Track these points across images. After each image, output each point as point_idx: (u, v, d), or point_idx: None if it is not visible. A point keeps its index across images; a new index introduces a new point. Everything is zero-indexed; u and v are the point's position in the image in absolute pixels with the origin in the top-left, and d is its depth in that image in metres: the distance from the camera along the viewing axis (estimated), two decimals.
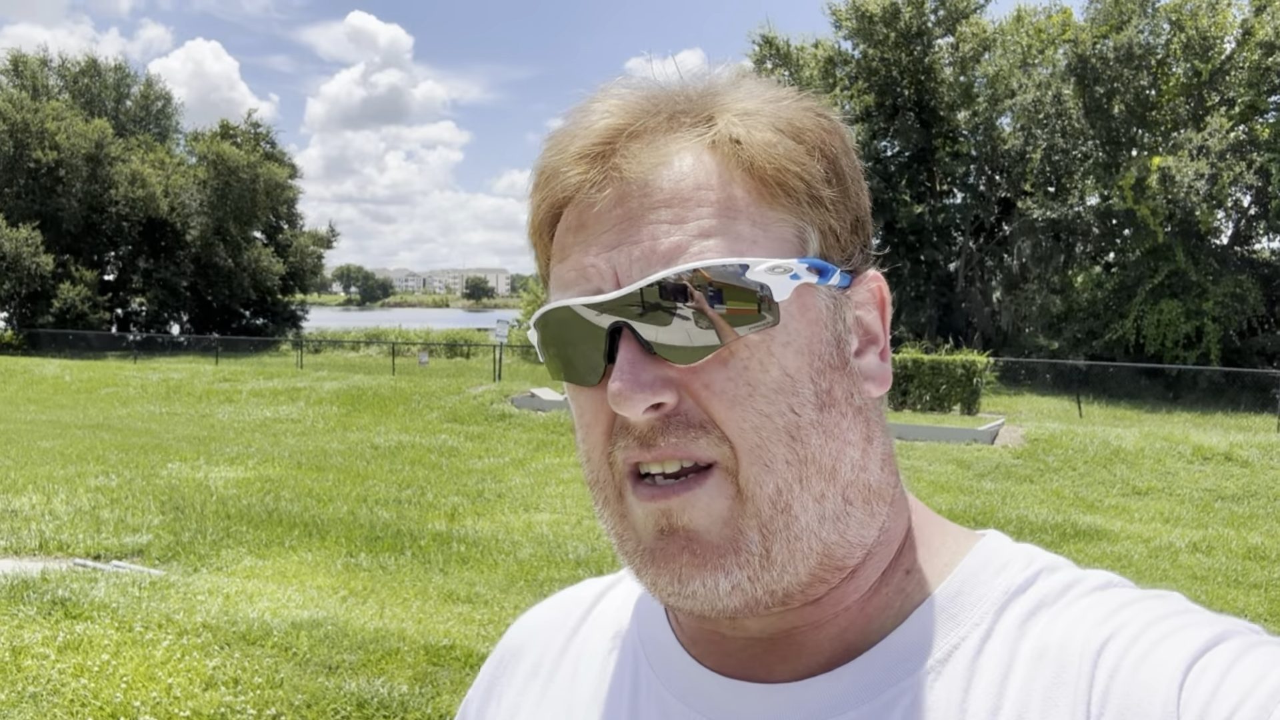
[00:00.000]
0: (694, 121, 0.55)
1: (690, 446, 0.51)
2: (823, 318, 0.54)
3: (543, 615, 0.75)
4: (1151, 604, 0.52)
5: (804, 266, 0.52)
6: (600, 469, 0.56)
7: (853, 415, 0.55)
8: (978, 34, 30.37)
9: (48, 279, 36.27)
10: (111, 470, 10.72)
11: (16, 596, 5.35)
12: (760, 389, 0.51)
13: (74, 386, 21.49)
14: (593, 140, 0.55)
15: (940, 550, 0.59)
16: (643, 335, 0.52)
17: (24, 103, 39.29)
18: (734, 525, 0.52)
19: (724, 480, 0.52)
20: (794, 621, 0.56)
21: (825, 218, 0.55)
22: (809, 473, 0.52)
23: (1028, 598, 0.55)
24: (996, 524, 9.39)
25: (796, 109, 0.56)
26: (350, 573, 6.87)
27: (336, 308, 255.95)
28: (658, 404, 0.51)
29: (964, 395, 18.74)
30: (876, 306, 0.58)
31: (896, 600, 0.57)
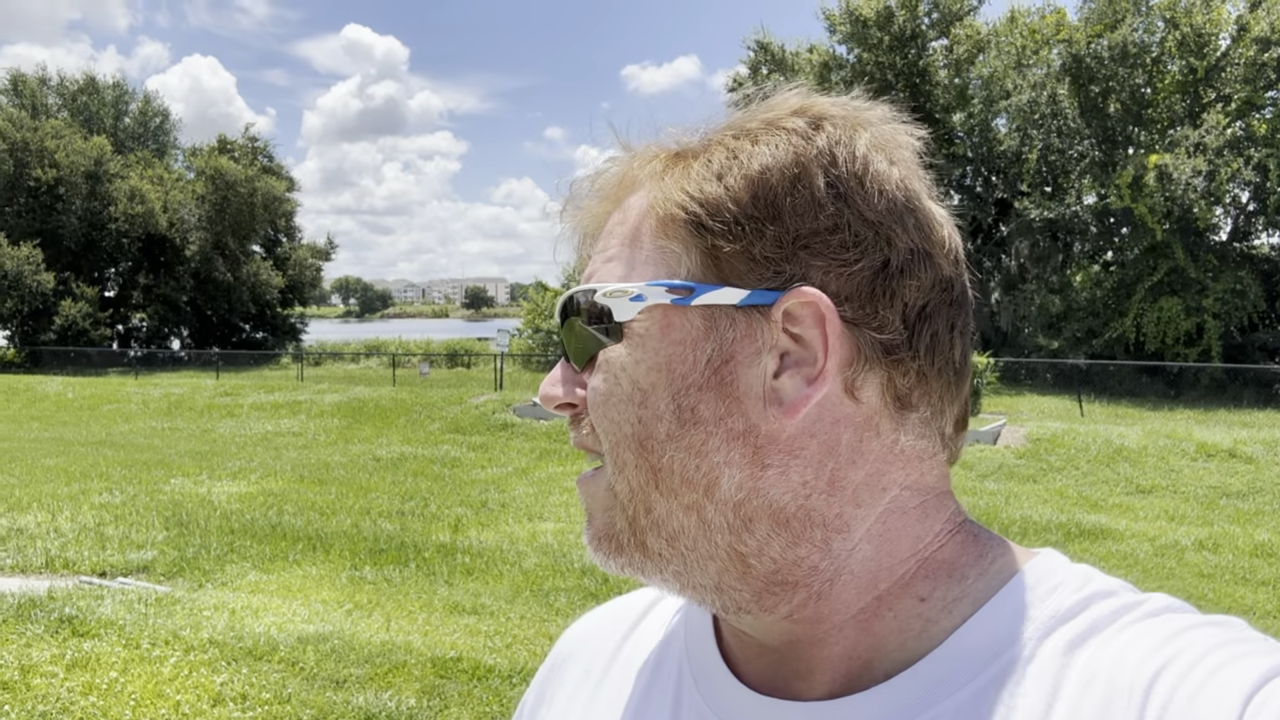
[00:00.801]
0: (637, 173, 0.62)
1: (589, 440, 0.60)
2: (689, 338, 0.55)
3: (595, 622, 0.77)
4: (1209, 631, 0.49)
5: (661, 289, 0.56)
6: None
7: (726, 437, 0.54)
8: (971, 36, 30.44)
9: (49, 296, 36.30)
10: (115, 487, 10.73)
11: (24, 615, 5.36)
12: (613, 398, 0.57)
13: (76, 403, 21.51)
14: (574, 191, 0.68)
15: (980, 576, 0.57)
16: (564, 345, 0.62)
17: (23, 122, 39.38)
18: (610, 514, 0.60)
19: (603, 474, 0.60)
20: (789, 635, 0.58)
21: (713, 241, 0.55)
22: (668, 483, 0.56)
23: (1077, 623, 0.52)
24: (1000, 525, 9.38)
25: (746, 144, 0.57)
26: (355, 586, 6.88)
27: (336, 320, 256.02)
28: (567, 405, 0.61)
29: None
30: (816, 323, 0.53)
31: (914, 624, 0.56)
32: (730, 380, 0.54)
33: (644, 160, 0.62)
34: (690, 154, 0.59)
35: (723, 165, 0.56)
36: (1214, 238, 25.82)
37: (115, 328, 43.23)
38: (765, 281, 0.54)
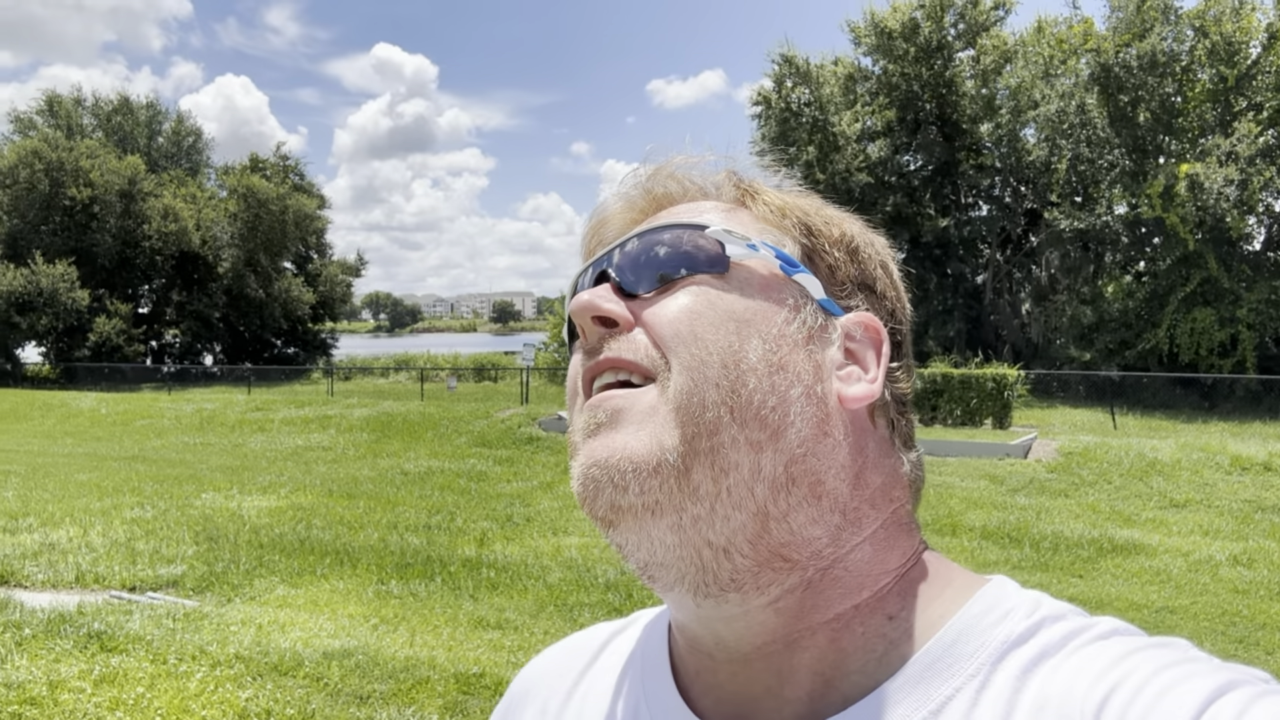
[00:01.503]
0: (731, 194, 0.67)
1: (629, 356, 0.58)
2: (785, 300, 0.60)
3: (550, 660, 0.76)
4: (1156, 653, 0.50)
5: (770, 251, 0.60)
6: (572, 430, 0.61)
7: (808, 397, 0.58)
8: (998, 46, 30.25)
9: (84, 313, 36.92)
10: (147, 501, 10.86)
11: (54, 630, 5.42)
12: (703, 318, 0.57)
13: (110, 419, 21.82)
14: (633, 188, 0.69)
15: (937, 599, 0.59)
16: (612, 274, 0.62)
17: (59, 142, 40.17)
18: (656, 412, 0.56)
19: (658, 389, 0.57)
20: (761, 634, 0.57)
21: (813, 243, 0.63)
22: (745, 412, 0.56)
23: (1029, 648, 0.53)
24: (1031, 540, 9.27)
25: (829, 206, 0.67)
26: (381, 600, 6.90)
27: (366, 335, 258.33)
28: (605, 319, 0.59)
29: (995, 409, 18.55)
30: (873, 346, 0.62)
31: (878, 645, 0.57)
32: (815, 351, 0.59)
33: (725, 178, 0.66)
34: (779, 190, 0.66)
35: (818, 206, 0.66)
36: (1247, 247, 25.40)
37: (149, 344, 43.87)
38: (838, 299, 0.62)
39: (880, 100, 31.49)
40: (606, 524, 0.57)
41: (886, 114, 31.14)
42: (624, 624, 0.75)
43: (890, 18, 30.40)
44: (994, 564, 8.54)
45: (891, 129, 31.31)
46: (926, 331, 31.19)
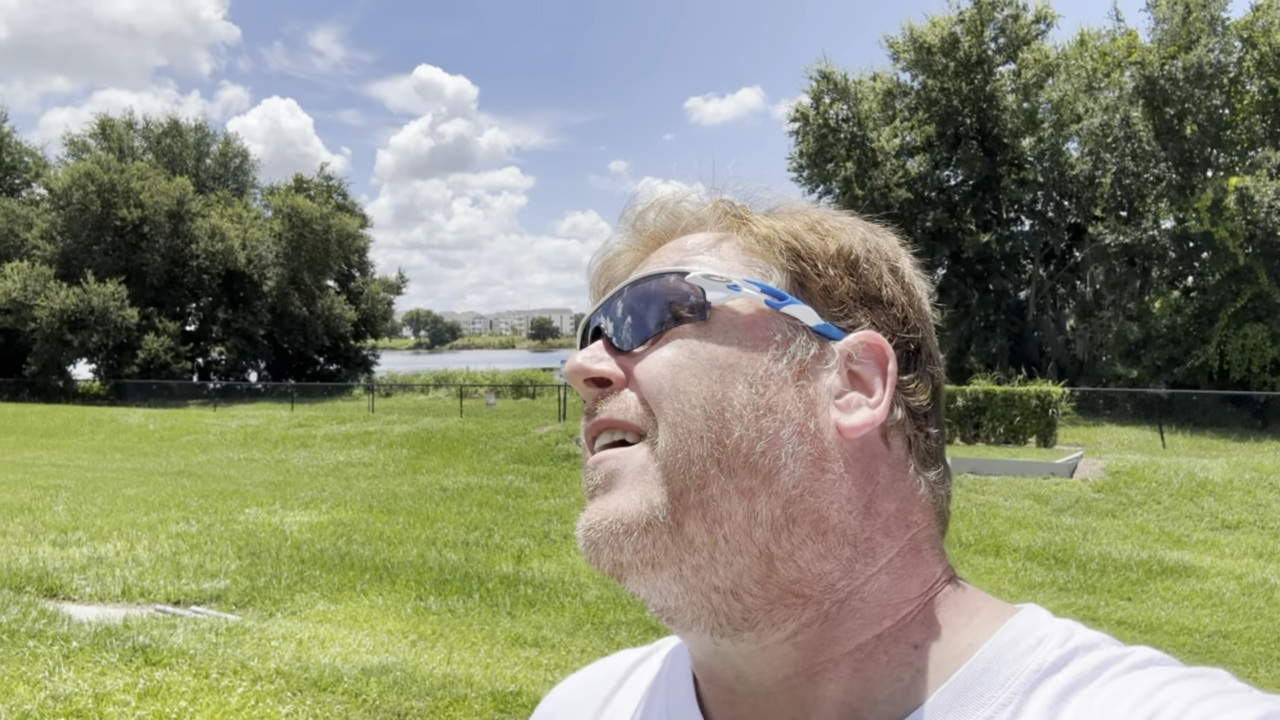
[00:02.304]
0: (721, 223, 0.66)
1: (621, 415, 0.59)
2: (773, 338, 0.59)
3: (576, 686, 0.77)
4: (1193, 683, 0.49)
5: (754, 288, 0.59)
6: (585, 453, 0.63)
7: (800, 435, 0.57)
8: (1040, 60, 29.94)
9: (133, 331, 37.73)
10: (192, 516, 11.03)
11: (100, 643, 5.51)
12: (687, 369, 0.58)
13: (157, 434, 22.24)
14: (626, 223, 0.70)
15: (965, 628, 0.58)
16: (602, 330, 0.63)
17: (111, 164, 41.22)
18: (646, 473, 0.57)
19: (647, 447, 0.58)
20: (782, 668, 0.57)
21: (807, 266, 0.61)
22: (733, 462, 0.56)
23: (1061, 677, 0.52)
24: (1078, 561, 9.08)
25: (831, 220, 0.65)
26: (420, 616, 6.93)
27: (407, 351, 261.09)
28: (598, 380, 0.60)
29: (1040, 427, 18.26)
30: (877, 364, 0.60)
31: (905, 674, 0.56)
32: (806, 385, 0.59)
33: (712, 209, 0.66)
34: (771, 214, 0.65)
35: (814, 222, 0.64)
36: None
37: (195, 361, 44.73)
38: (836, 320, 0.61)
39: (919, 115, 31.29)
40: (615, 578, 0.59)
41: (926, 129, 30.93)
42: (649, 651, 0.75)
43: (929, 33, 30.24)
44: (1039, 585, 8.38)
45: (931, 144, 31.09)
46: (968, 348, 30.81)
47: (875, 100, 31.68)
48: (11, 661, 5.19)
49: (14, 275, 36.29)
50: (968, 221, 30.75)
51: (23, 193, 46.78)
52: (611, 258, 0.69)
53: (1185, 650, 6.52)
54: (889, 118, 31.73)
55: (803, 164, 32.10)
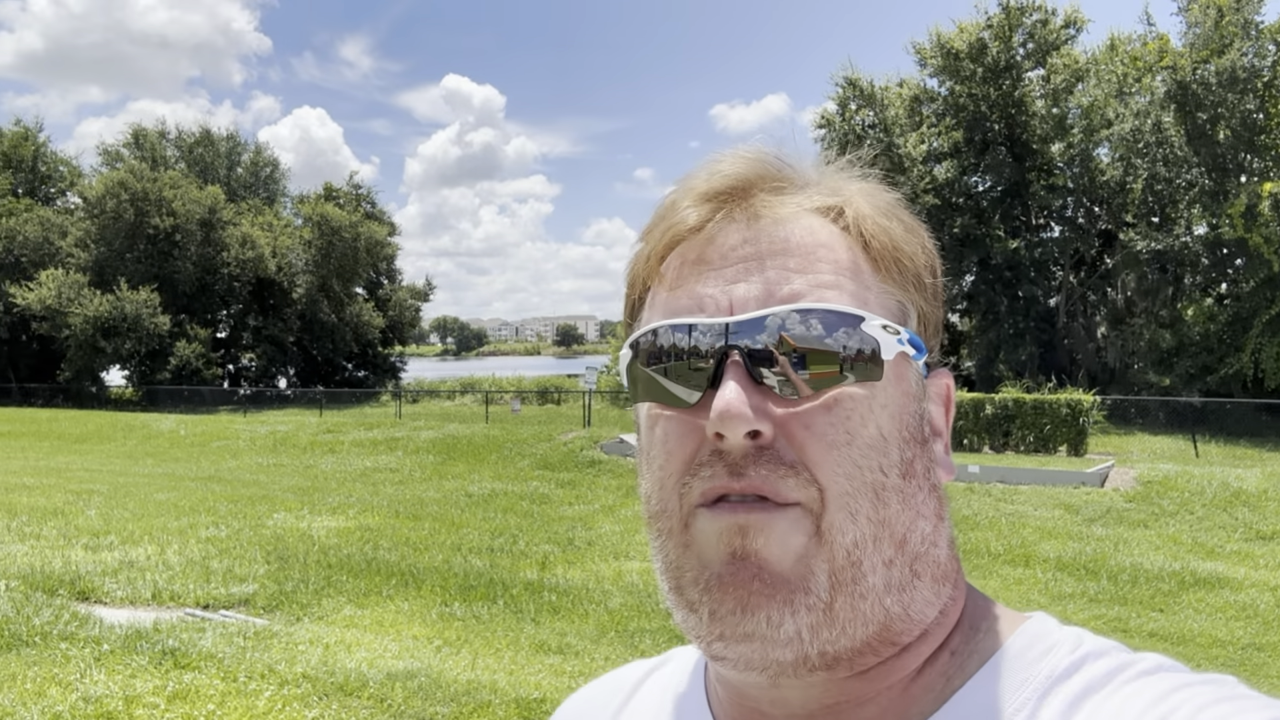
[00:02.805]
0: (821, 193, 0.59)
1: (778, 484, 0.52)
2: (912, 391, 0.57)
3: (588, 696, 0.77)
4: (1203, 689, 0.49)
5: (906, 336, 0.56)
6: (670, 498, 0.55)
7: (928, 491, 0.56)
8: (1069, 65, 29.68)
9: (165, 338, 38.25)
10: (221, 521, 11.14)
11: (130, 646, 5.58)
12: (857, 440, 0.53)
13: (188, 440, 22.50)
14: (724, 184, 0.59)
15: (986, 633, 0.58)
16: (751, 365, 0.53)
17: (144, 173, 41.84)
18: (806, 564, 0.52)
19: (804, 518, 0.52)
20: (836, 696, 0.56)
21: (923, 303, 0.59)
22: (883, 535, 0.53)
23: (1073, 683, 0.53)
24: (1109, 572, 8.96)
25: (903, 207, 0.61)
26: (445, 622, 6.96)
27: (434, 358, 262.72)
28: (757, 431, 0.52)
29: (1070, 435, 18.05)
30: (943, 403, 0.61)
31: (939, 683, 0.56)
32: (926, 438, 0.58)
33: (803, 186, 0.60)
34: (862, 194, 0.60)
35: (909, 225, 0.60)
36: None
37: (226, 367, 45.27)
38: (931, 356, 0.59)
39: (947, 121, 31.11)
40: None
41: (953, 135, 30.74)
42: (660, 661, 0.74)
43: (957, 38, 30.08)
44: (1069, 596, 8.27)
45: (959, 150, 30.89)
46: (997, 355, 30.52)
47: (902, 106, 31.54)
48: (44, 663, 5.27)
49: (49, 283, 36.92)
50: (996, 228, 30.48)
51: (58, 201, 47.62)
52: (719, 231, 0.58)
53: (1219, 663, 6.41)
54: (916, 123, 31.57)
55: None
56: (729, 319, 0.54)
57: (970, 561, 9.49)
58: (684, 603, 0.55)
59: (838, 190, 0.60)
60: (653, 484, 0.57)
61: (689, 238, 0.58)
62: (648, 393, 0.58)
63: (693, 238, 0.58)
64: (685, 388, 0.55)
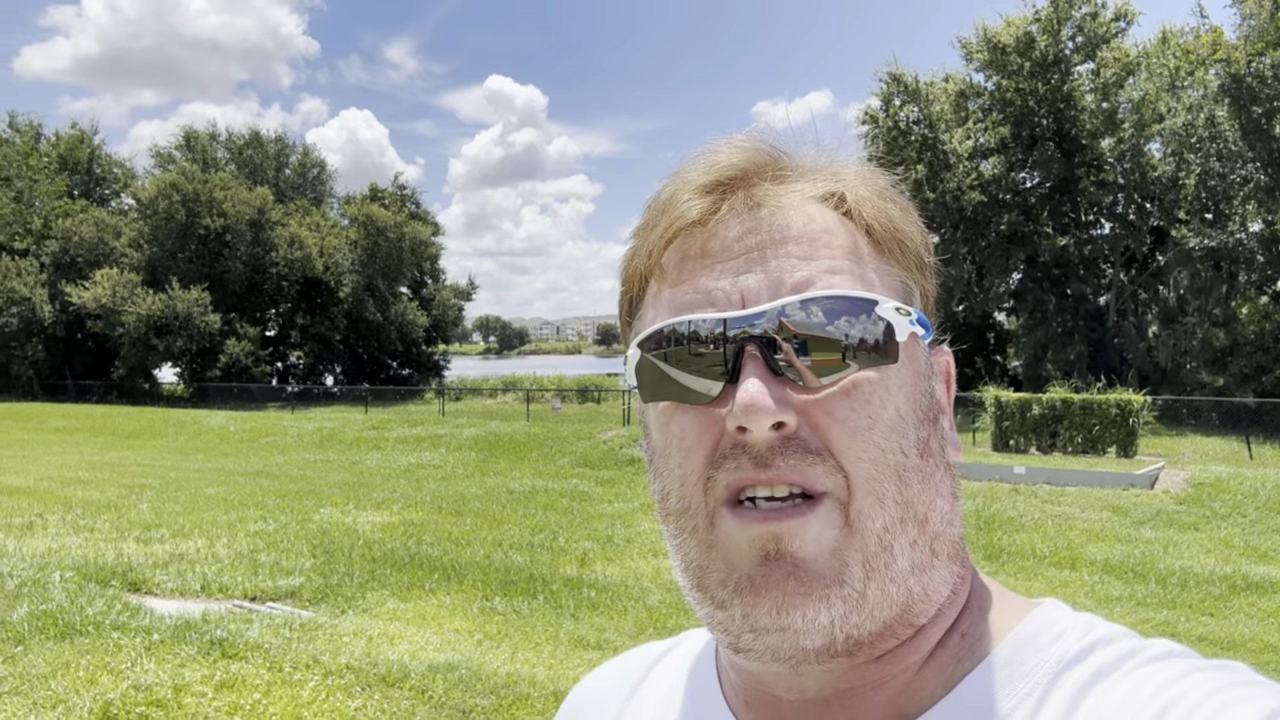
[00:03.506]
0: (820, 180, 0.59)
1: (806, 472, 0.51)
2: (922, 370, 0.57)
3: (602, 678, 0.77)
4: (1213, 674, 0.49)
5: (915, 317, 0.56)
6: (693, 494, 0.55)
7: (944, 469, 0.57)
8: (1120, 58, 29.09)
9: (215, 336, 39.01)
10: (269, 515, 11.35)
11: (180, 636, 5.71)
12: (879, 424, 0.53)
13: (238, 436, 22.92)
14: (722, 175, 0.58)
15: (995, 616, 0.59)
16: (769, 356, 0.53)
17: (195, 175, 42.71)
18: (840, 557, 0.52)
19: (834, 510, 0.52)
20: (853, 681, 0.56)
21: (925, 282, 0.60)
22: (908, 517, 0.53)
23: (1084, 668, 0.53)
24: (1158, 575, 8.79)
25: (899, 192, 0.61)
26: (485, 616, 7.03)
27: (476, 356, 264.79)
28: (781, 423, 0.52)
29: (1119, 436, 17.70)
30: (945, 381, 0.61)
31: (950, 665, 0.56)
32: (937, 416, 0.58)
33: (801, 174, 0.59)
34: (859, 179, 0.60)
35: (904, 206, 0.60)
36: None
37: (274, 365, 46.05)
38: (934, 332, 0.60)
39: (993, 116, 30.66)
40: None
41: (1000, 130, 30.30)
42: (673, 643, 0.75)
43: (1004, 32, 29.63)
44: (1116, 599, 8.12)
45: (1006, 145, 30.43)
46: (1045, 355, 30.02)
47: (947, 101, 31.14)
48: (96, 652, 5.42)
49: (103, 282, 37.84)
50: (1044, 225, 29.98)
51: (112, 203, 48.80)
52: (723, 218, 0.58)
53: (1270, 669, 6.25)
54: (961, 119, 31.16)
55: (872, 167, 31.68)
56: (743, 312, 0.54)
57: (1015, 563, 9.36)
58: (708, 600, 0.55)
59: (836, 175, 0.59)
60: (672, 481, 0.56)
61: (690, 231, 0.58)
62: (660, 391, 0.57)
63: (693, 231, 0.58)
64: (703, 381, 0.55)
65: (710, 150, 0.60)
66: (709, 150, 0.60)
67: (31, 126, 47.58)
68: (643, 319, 0.61)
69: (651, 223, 0.60)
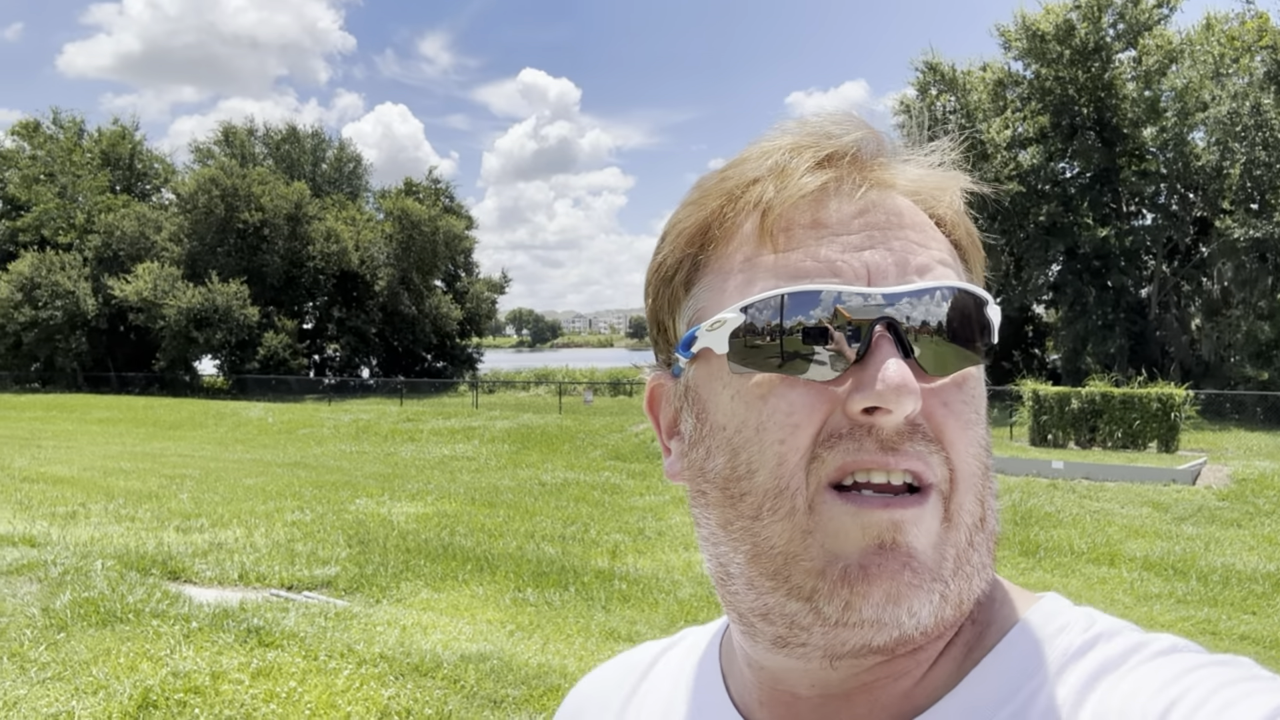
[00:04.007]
0: (926, 174, 0.59)
1: (929, 460, 0.51)
2: (983, 375, 0.58)
3: (602, 678, 0.76)
4: (1218, 670, 0.48)
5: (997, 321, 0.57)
6: (793, 475, 0.51)
7: (993, 467, 0.57)
8: (1162, 45, 28.51)
9: (254, 329, 39.58)
10: (306, 506, 11.49)
11: (218, 624, 5.80)
12: (981, 420, 0.54)
13: (276, 427, 23.24)
14: (836, 149, 0.56)
15: (1000, 605, 0.58)
16: (903, 338, 0.51)
17: (234, 170, 43.33)
18: (940, 550, 0.51)
19: (939, 503, 0.51)
20: (879, 674, 0.55)
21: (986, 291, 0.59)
22: (986, 514, 0.54)
23: (1088, 661, 0.52)
24: (1199, 572, 8.63)
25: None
26: (518, 607, 7.07)
27: (509, 349, 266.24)
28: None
29: (1161, 431, 17.41)
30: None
31: (960, 654, 0.56)
32: None
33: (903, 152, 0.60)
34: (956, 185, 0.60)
35: (960, 205, 0.60)
36: None
37: (312, 357, 46.64)
38: None
39: (1032, 105, 30.20)
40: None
41: (1039, 119, 29.84)
42: (672, 641, 0.74)
43: (1043, 20, 29.16)
44: (1156, 597, 7.99)
45: (1045, 135, 29.97)
46: (1085, 348, 29.59)
47: (985, 91, 30.73)
48: (136, 639, 5.52)
49: (145, 275, 38.52)
50: (1084, 215, 29.49)
51: (153, 197, 49.65)
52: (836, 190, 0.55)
53: None
54: (999, 108, 30.73)
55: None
56: (882, 289, 0.52)
57: (1052, 559, 9.24)
58: (788, 590, 0.52)
59: (938, 173, 0.60)
60: (765, 459, 0.52)
61: (794, 202, 0.55)
62: (759, 362, 0.53)
63: (801, 202, 0.55)
64: (827, 355, 0.52)
65: (814, 122, 0.58)
66: (812, 121, 0.58)
67: (74, 123, 48.49)
68: (727, 282, 0.56)
69: (759, 184, 0.56)
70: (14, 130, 45.84)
